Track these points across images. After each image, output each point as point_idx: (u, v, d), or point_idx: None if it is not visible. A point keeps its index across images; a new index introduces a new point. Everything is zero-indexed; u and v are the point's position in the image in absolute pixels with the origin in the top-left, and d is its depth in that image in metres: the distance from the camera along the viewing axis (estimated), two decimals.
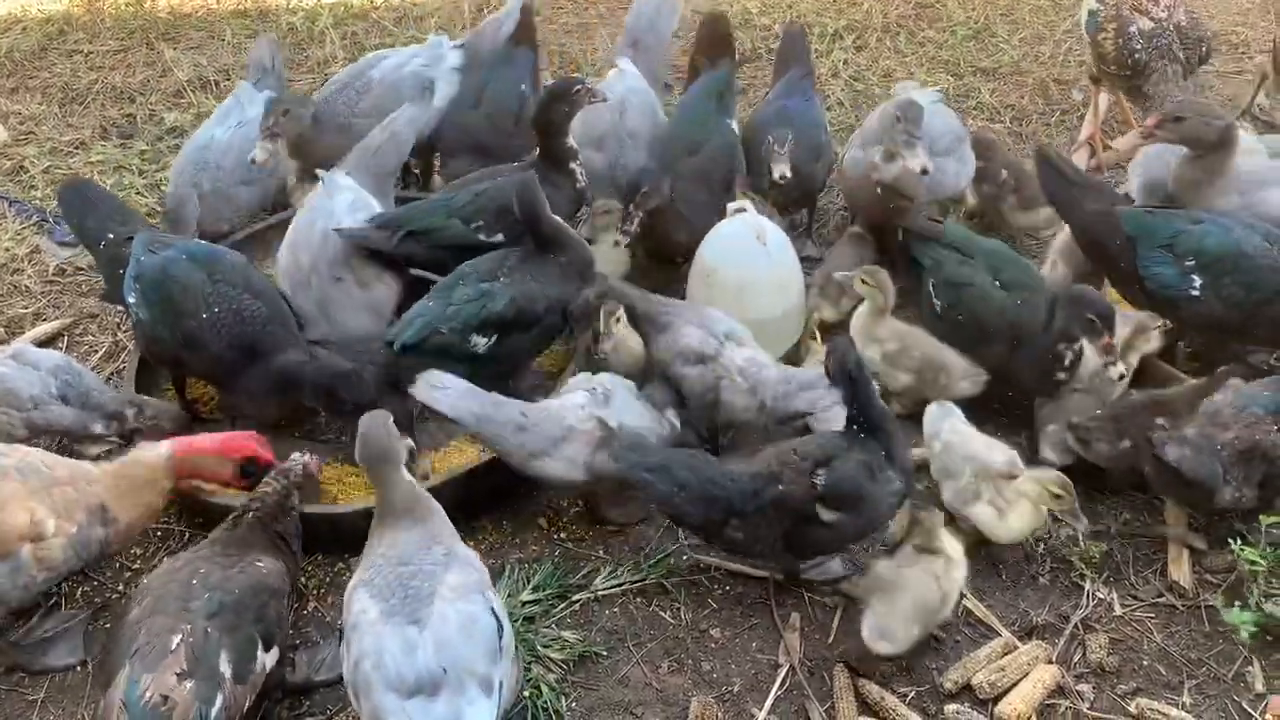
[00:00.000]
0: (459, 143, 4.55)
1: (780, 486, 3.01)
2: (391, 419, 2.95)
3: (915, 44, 6.06)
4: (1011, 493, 3.26)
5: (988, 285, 3.69)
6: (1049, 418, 3.57)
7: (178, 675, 2.57)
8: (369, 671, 2.57)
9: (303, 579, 3.34)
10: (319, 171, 3.98)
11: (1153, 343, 3.71)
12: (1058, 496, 3.21)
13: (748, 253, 3.82)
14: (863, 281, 3.76)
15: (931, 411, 3.51)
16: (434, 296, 3.61)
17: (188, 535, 3.52)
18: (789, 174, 4.15)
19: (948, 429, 3.42)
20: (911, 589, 2.99)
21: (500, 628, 2.68)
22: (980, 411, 3.62)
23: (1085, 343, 3.51)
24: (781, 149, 4.17)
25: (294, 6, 6.57)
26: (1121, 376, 3.50)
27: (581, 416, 3.27)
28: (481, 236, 3.81)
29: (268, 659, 2.78)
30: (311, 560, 3.40)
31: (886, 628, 2.97)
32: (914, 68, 5.82)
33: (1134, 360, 3.66)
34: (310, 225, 3.85)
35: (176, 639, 2.63)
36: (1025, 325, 3.60)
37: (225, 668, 2.65)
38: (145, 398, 3.72)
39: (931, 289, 3.78)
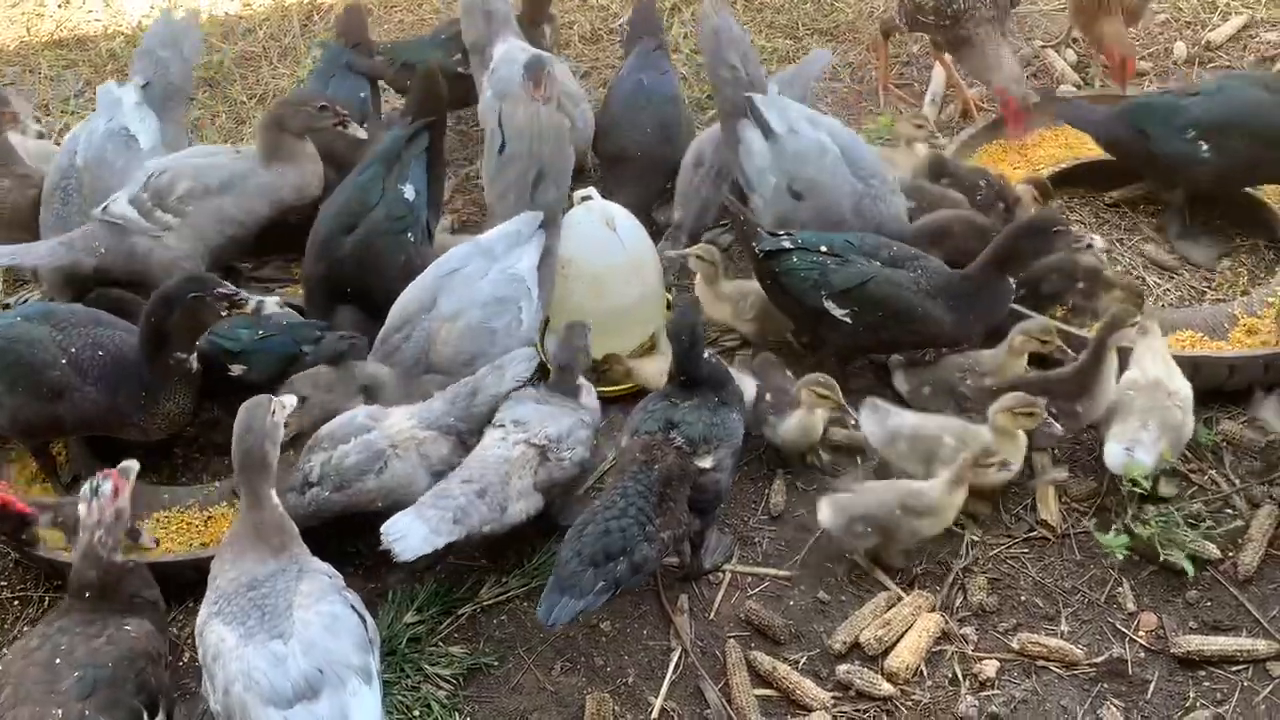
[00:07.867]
0: None
1: (657, 467, 2.98)
2: (271, 409, 2.79)
3: (753, 9, 6.08)
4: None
5: (882, 272, 3.48)
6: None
7: None
8: (241, 694, 2.50)
9: (176, 629, 3.22)
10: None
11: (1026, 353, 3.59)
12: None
13: (600, 242, 3.78)
14: (698, 258, 3.89)
15: (867, 417, 3.42)
16: None
17: (47, 601, 3.35)
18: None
19: (903, 423, 3.40)
20: None
21: (364, 620, 2.68)
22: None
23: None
24: None
25: (113, 32, 6.27)
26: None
27: (508, 445, 3.14)
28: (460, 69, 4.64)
29: None
30: (184, 609, 3.27)
31: None
32: (753, 33, 5.83)
33: (1020, 365, 3.58)
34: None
35: None
36: (947, 290, 3.48)
37: None
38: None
39: (829, 305, 3.49)
